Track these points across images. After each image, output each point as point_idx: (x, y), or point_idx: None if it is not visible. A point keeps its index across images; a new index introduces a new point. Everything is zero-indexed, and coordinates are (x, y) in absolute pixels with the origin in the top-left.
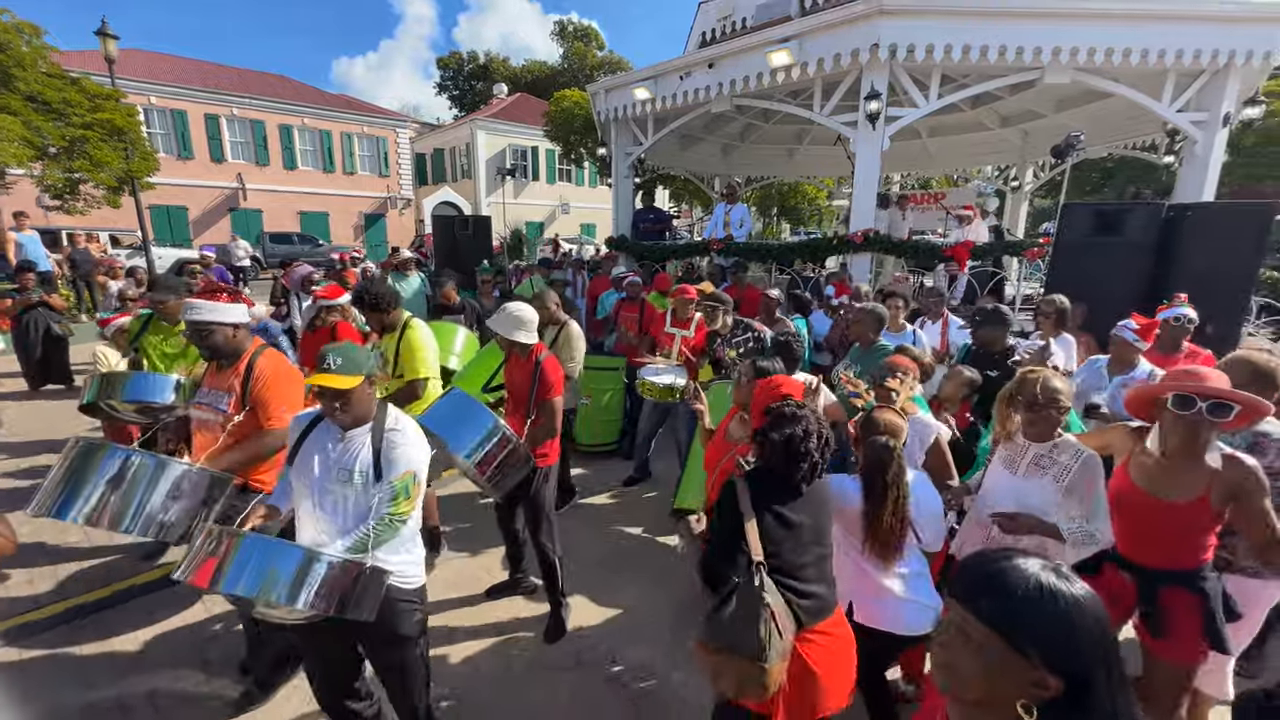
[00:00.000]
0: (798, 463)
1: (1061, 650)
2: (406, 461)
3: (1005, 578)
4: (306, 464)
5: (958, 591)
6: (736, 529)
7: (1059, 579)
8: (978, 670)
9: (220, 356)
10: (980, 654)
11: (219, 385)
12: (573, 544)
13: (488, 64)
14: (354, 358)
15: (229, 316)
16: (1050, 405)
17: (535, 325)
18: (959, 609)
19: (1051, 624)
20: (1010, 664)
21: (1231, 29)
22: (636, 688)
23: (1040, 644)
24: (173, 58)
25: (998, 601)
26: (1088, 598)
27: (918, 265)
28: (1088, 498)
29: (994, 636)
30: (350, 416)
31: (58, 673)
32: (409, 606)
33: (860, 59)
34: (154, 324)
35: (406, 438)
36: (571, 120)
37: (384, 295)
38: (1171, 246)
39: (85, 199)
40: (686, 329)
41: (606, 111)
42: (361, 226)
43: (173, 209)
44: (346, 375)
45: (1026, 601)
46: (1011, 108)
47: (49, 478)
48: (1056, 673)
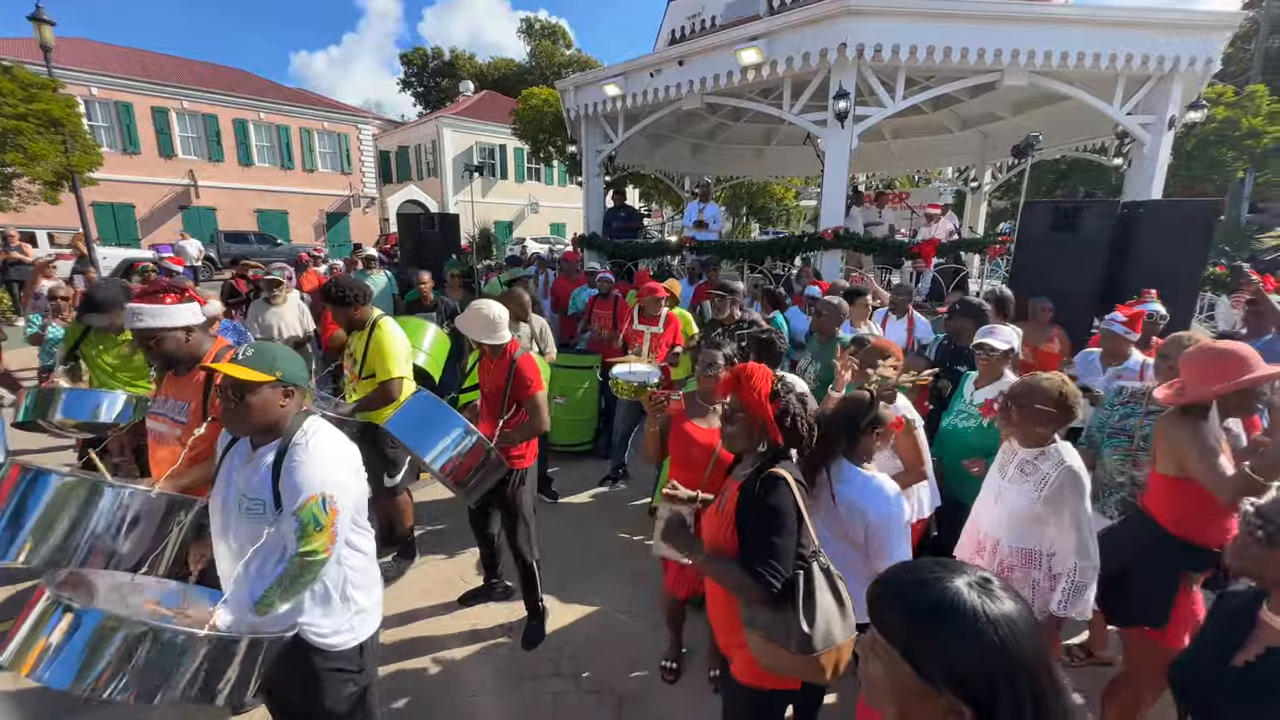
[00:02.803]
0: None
1: (961, 676)
2: (309, 483)
3: (910, 593)
4: (216, 490)
5: (870, 605)
6: (794, 525)
7: (973, 595)
8: (889, 690)
9: (176, 363)
10: (890, 673)
11: (176, 394)
12: (550, 545)
13: (453, 60)
14: (271, 355)
15: (178, 319)
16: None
17: (506, 322)
18: (872, 625)
19: (949, 647)
20: (914, 685)
21: (1176, 36)
22: (618, 692)
23: (938, 667)
24: (117, 47)
25: (900, 618)
26: (1002, 617)
27: (885, 262)
28: (1066, 522)
29: (895, 652)
30: (245, 421)
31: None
32: (337, 676)
33: (828, 58)
34: (93, 333)
35: (311, 454)
36: (540, 118)
37: (351, 288)
38: (1126, 242)
39: (20, 194)
40: (656, 325)
41: (576, 108)
42: (323, 226)
43: (118, 207)
44: (252, 369)
45: (927, 619)
46: (971, 110)
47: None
48: (966, 701)
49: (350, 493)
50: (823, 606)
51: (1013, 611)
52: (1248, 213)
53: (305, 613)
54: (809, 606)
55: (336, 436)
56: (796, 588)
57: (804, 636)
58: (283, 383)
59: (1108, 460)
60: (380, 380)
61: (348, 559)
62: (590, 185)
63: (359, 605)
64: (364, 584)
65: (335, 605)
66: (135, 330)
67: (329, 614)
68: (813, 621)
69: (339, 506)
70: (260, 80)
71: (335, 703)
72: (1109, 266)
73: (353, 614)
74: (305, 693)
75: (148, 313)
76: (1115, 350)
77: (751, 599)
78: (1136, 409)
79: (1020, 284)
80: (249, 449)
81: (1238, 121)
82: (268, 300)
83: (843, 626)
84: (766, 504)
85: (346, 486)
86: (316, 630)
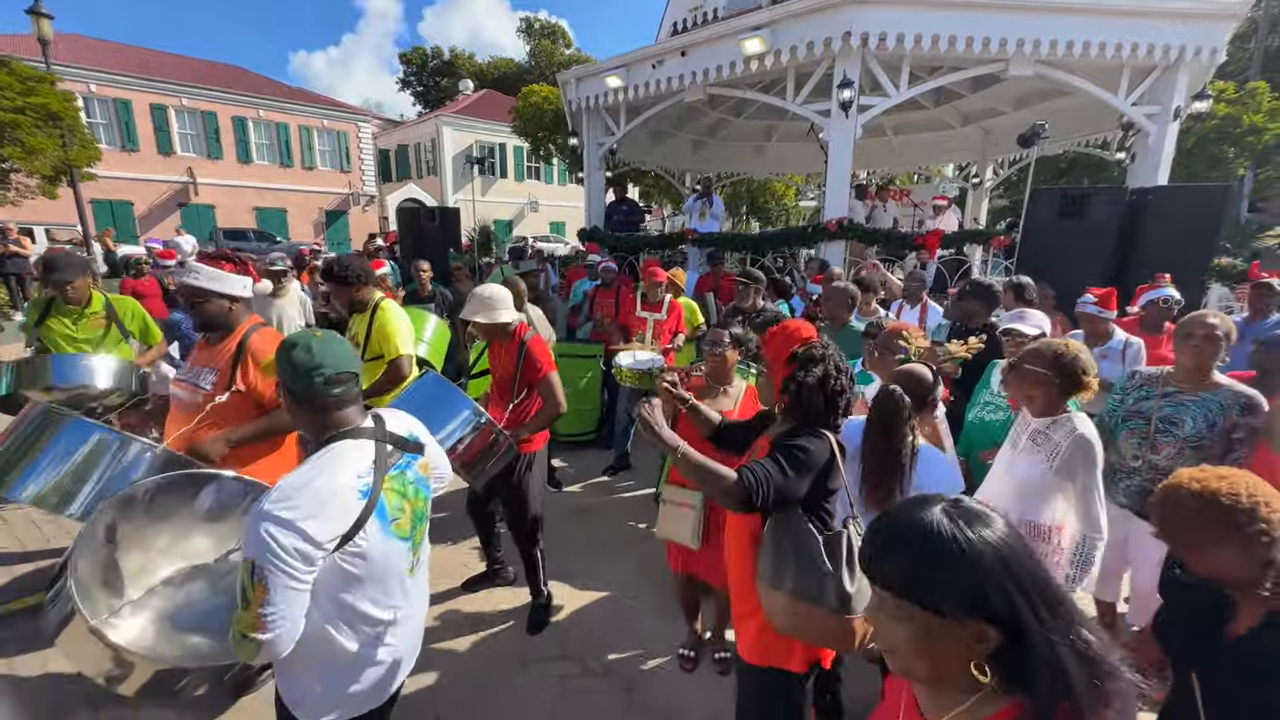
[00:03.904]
0: (836, 402)
1: (974, 597)
2: (248, 542)
3: (895, 537)
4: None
5: (863, 565)
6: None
7: (950, 521)
8: (910, 644)
9: (211, 329)
10: (906, 625)
11: (204, 362)
12: (553, 533)
13: (453, 60)
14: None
15: (228, 287)
16: (1017, 366)
17: (507, 301)
18: (874, 587)
19: (952, 572)
20: (935, 627)
21: (1182, 25)
22: (625, 676)
23: (949, 596)
24: (115, 44)
25: (894, 565)
26: (987, 532)
27: (889, 254)
28: (1077, 492)
29: (904, 603)
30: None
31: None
32: None
33: (832, 47)
34: (57, 307)
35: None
36: (540, 116)
37: (351, 266)
38: (1134, 229)
39: (18, 189)
40: (659, 312)
41: (578, 101)
42: (322, 224)
43: (116, 204)
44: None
45: (920, 556)
46: (973, 106)
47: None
48: (986, 621)
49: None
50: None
51: (991, 521)
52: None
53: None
54: (851, 563)
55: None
56: (838, 546)
57: (844, 594)
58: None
59: (1123, 445)
60: (389, 359)
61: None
62: (592, 179)
63: (327, 688)
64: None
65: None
66: (185, 285)
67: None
68: (854, 578)
69: (270, 589)
70: (259, 78)
71: None
72: (1118, 253)
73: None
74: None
75: (205, 274)
76: (1094, 331)
77: (719, 489)
78: (1152, 391)
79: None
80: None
81: (1238, 118)
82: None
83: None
84: (797, 441)
85: (291, 560)
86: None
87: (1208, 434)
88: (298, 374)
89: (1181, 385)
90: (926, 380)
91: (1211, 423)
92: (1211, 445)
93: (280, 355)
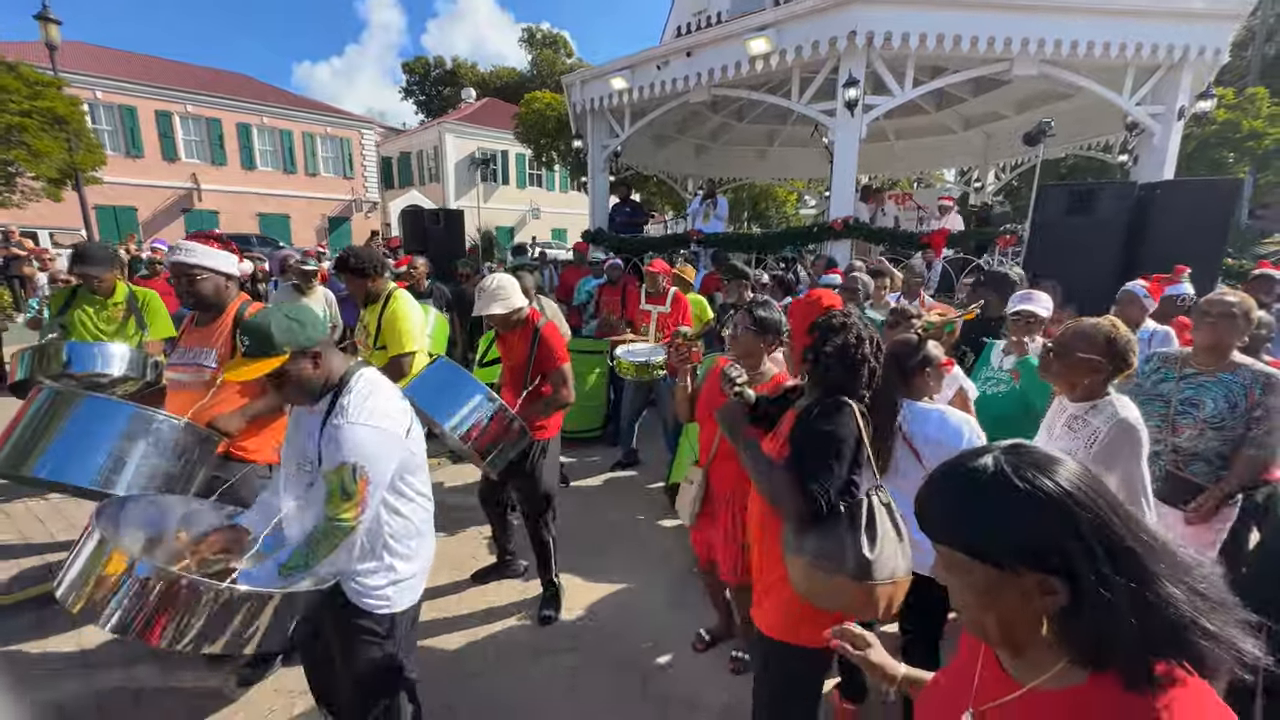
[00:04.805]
0: (858, 371)
1: (1022, 545)
2: (342, 451)
3: (941, 485)
4: (286, 442)
5: (921, 523)
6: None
7: (999, 466)
8: (974, 599)
9: (205, 308)
10: (968, 580)
11: (199, 343)
12: (563, 527)
13: (455, 69)
14: (265, 334)
15: (220, 265)
16: (1065, 353)
17: (515, 289)
18: (933, 543)
19: (995, 519)
20: (994, 581)
21: (1185, 25)
22: (639, 667)
23: (997, 545)
24: (121, 52)
25: (939, 513)
26: (1041, 477)
27: (895, 253)
28: (1117, 481)
29: (960, 555)
30: (294, 398)
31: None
32: (365, 637)
33: (838, 46)
34: (82, 295)
35: (349, 418)
36: (543, 122)
37: (368, 258)
38: (1143, 224)
39: (23, 191)
40: (662, 304)
41: (582, 103)
42: (325, 229)
43: (120, 209)
44: (257, 359)
45: (962, 502)
46: (975, 110)
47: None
48: (1044, 571)
49: (386, 461)
50: (886, 535)
51: (1053, 467)
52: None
53: (346, 567)
54: (871, 531)
55: (383, 395)
56: (858, 513)
57: (863, 561)
58: (301, 353)
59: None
60: (392, 354)
61: (387, 522)
62: (596, 181)
63: (398, 573)
64: (404, 553)
65: (371, 564)
66: (177, 264)
67: (366, 572)
68: (874, 546)
69: (370, 477)
70: (263, 85)
71: (362, 664)
72: (1126, 249)
73: (389, 581)
74: (338, 645)
75: (198, 251)
76: (1130, 317)
77: (789, 511)
78: (1171, 374)
79: (1035, 268)
80: (305, 409)
81: (1238, 124)
82: (296, 288)
83: (903, 562)
84: (827, 425)
85: (381, 454)
86: (354, 584)
87: (1228, 414)
88: (315, 328)
89: (1201, 366)
90: (905, 347)
91: (1233, 403)
92: (1233, 425)
93: (290, 326)
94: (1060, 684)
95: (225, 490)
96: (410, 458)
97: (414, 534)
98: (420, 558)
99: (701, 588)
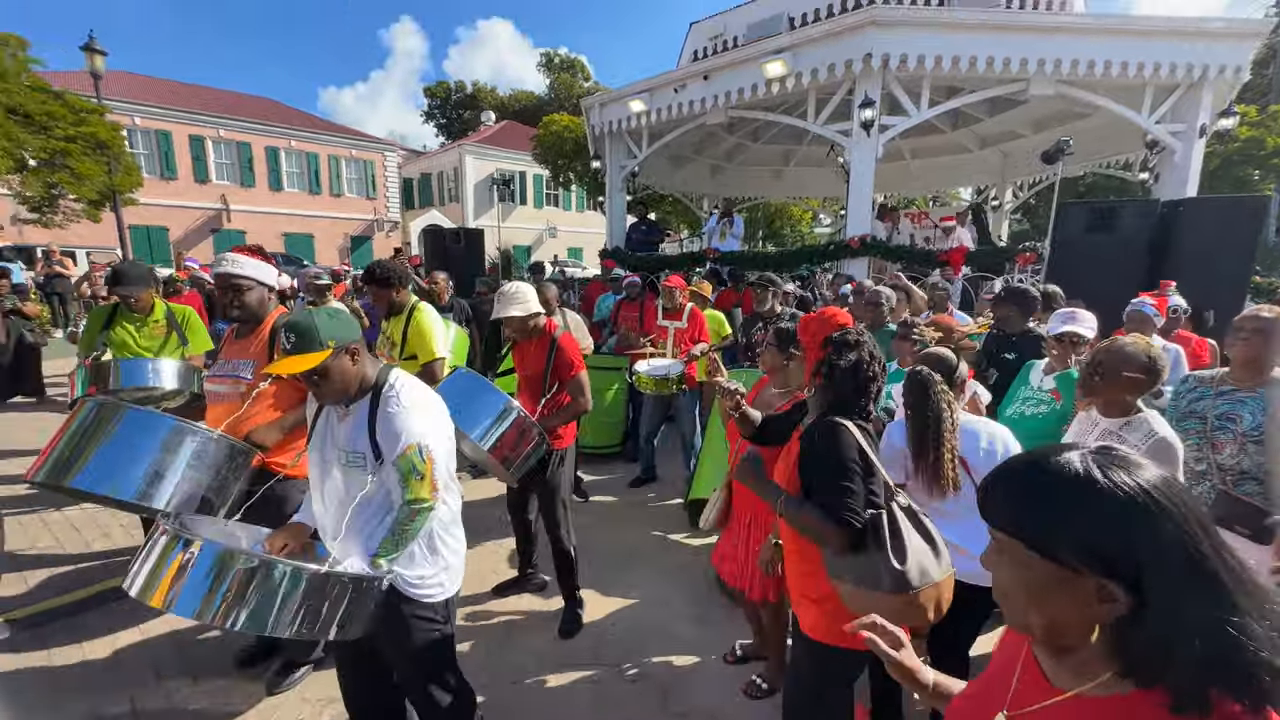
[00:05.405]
0: (868, 388)
1: (1089, 545)
2: (406, 433)
3: (1020, 476)
4: (313, 446)
5: (983, 507)
6: (863, 468)
7: (1090, 463)
8: (1025, 594)
9: (248, 319)
10: (1022, 573)
11: (238, 354)
12: (583, 542)
13: (475, 93)
14: (309, 330)
15: (265, 277)
16: (1111, 374)
17: (533, 296)
18: (991, 530)
19: (1064, 512)
20: (1052, 577)
21: (1204, 44)
22: (661, 682)
23: (1071, 544)
24: (158, 80)
25: (1015, 505)
26: (1124, 477)
27: (913, 271)
28: None
29: (1017, 544)
30: (332, 393)
31: (24, 682)
32: (424, 624)
33: (854, 69)
34: (122, 313)
35: (403, 404)
36: (561, 144)
37: (393, 269)
38: (1166, 241)
39: (64, 212)
40: (679, 320)
41: (601, 125)
42: (347, 249)
43: (153, 229)
44: (303, 354)
45: (1042, 496)
46: (991, 129)
47: (56, 443)
48: (1110, 576)
49: (443, 440)
50: (912, 544)
51: (1139, 472)
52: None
53: (399, 560)
54: (896, 544)
55: (422, 386)
56: (880, 528)
57: (897, 574)
58: (340, 348)
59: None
60: (424, 362)
61: (437, 511)
62: (613, 200)
63: (445, 560)
64: (451, 541)
65: (423, 556)
66: (225, 275)
67: (417, 564)
68: (903, 558)
69: (435, 455)
70: (291, 110)
71: (422, 651)
72: (1149, 268)
73: (440, 568)
74: (395, 639)
75: (243, 262)
76: (1140, 332)
77: (830, 542)
78: (1207, 392)
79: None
80: (342, 406)
81: (1262, 141)
82: (311, 304)
83: (938, 563)
84: (827, 449)
85: (439, 434)
86: (405, 578)
87: (1268, 427)
88: (352, 326)
89: (1238, 383)
90: (949, 359)
91: (1272, 415)
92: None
93: (330, 323)
94: (1103, 692)
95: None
96: (452, 447)
97: (456, 521)
98: (462, 543)
99: (723, 604)
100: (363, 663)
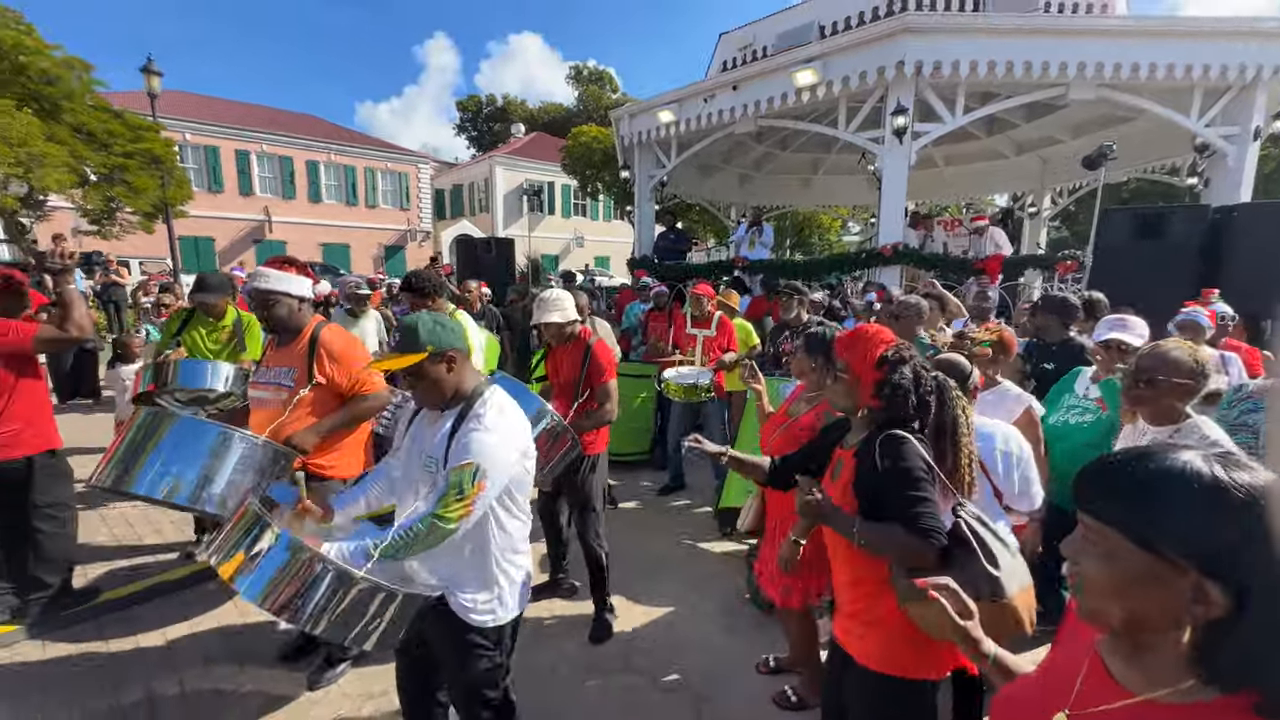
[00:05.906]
0: (927, 402)
1: (1194, 538)
2: (470, 451)
3: (1133, 466)
4: (404, 448)
5: (1080, 493)
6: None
7: (1210, 461)
8: (1112, 586)
9: (282, 330)
10: (1114, 565)
11: (280, 362)
12: (612, 549)
13: (505, 106)
14: (416, 331)
15: (294, 289)
16: (1157, 382)
17: (570, 303)
18: (1082, 516)
19: (1187, 511)
20: (1144, 568)
21: (1257, 44)
22: (693, 691)
23: (1178, 539)
24: (207, 98)
25: (1123, 494)
26: (1239, 474)
27: (947, 280)
28: None
29: (1111, 531)
30: (427, 397)
31: (83, 669)
32: (476, 650)
33: (886, 76)
34: (197, 318)
35: (483, 424)
36: (589, 155)
37: (428, 279)
38: (1217, 248)
39: (121, 224)
40: (708, 328)
41: (630, 136)
42: (381, 258)
43: (200, 240)
44: (403, 354)
45: (1158, 487)
46: (1028, 135)
47: (115, 449)
48: (1211, 576)
49: (505, 472)
50: (996, 549)
51: (1261, 475)
52: None
53: (455, 581)
54: (985, 547)
55: (515, 413)
56: (965, 537)
57: (993, 580)
58: (439, 352)
59: None
60: None
61: (494, 538)
62: (642, 210)
63: (502, 588)
64: (508, 569)
65: (483, 579)
66: (255, 290)
67: (476, 587)
68: (996, 564)
69: (488, 483)
70: (330, 125)
71: (473, 674)
72: (1201, 276)
73: (496, 595)
74: (451, 658)
75: (273, 276)
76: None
77: (921, 559)
78: (1260, 404)
79: None
80: (436, 410)
81: None
82: (350, 313)
83: (1024, 565)
84: (898, 464)
85: (503, 465)
86: (462, 600)
87: None
88: (455, 337)
89: None
90: (962, 365)
91: None
92: None
93: (434, 328)
94: (1181, 699)
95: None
96: (524, 476)
97: (516, 549)
98: (522, 570)
99: (753, 614)
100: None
